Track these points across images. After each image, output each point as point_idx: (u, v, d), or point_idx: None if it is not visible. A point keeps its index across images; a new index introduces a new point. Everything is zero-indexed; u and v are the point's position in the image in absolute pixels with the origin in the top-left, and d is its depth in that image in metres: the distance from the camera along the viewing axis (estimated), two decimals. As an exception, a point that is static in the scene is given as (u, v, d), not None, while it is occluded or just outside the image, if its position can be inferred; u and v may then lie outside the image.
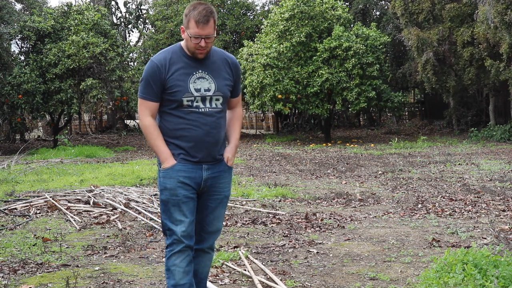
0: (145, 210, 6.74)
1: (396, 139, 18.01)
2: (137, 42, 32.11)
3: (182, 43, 3.11)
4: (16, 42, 18.45)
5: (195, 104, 3.05)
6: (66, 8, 18.79)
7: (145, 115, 3.07)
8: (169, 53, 3.09)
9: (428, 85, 19.84)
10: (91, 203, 7.20)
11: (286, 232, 5.74)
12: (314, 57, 18.44)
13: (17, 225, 6.11)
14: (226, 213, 5.86)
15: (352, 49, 17.90)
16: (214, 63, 3.13)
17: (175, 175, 3.06)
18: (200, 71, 3.08)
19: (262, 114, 28.30)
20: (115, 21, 30.99)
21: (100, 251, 5.06)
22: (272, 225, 6.09)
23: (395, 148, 16.21)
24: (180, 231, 3.06)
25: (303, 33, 18.24)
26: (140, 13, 31.58)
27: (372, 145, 17.80)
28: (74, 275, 4.22)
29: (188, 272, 3.11)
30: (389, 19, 24.44)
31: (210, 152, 3.11)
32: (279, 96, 18.08)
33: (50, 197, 7.43)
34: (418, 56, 19.53)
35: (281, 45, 18.22)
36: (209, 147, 3.09)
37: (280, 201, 7.62)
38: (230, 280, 4.18)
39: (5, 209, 6.89)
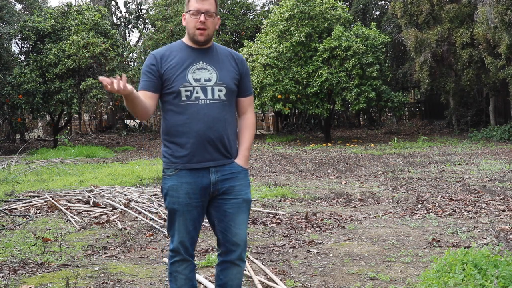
0: (145, 210, 6.75)
1: (396, 139, 18.01)
2: (137, 42, 32.13)
3: (184, 38, 3.05)
4: (16, 42, 18.46)
5: (194, 95, 2.89)
6: (66, 8, 18.80)
7: None
8: (169, 47, 3.02)
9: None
10: (91, 203, 7.20)
11: (286, 232, 5.74)
12: (314, 57, 18.45)
13: (17, 225, 6.10)
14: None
15: (352, 49, 17.91)
16: (217, 55, 2.99)
17: (178, 182, 2.90)
18: (201, 62, 2.94)
19: (262, 114, 28.31)
20: (115, 21, 31.00)
21: (100, 251, 5.06)
22: (272, 225, 6.09)
23: (395, 148, 16.21)
24: (179, 240, 2.96)
25: (303, 33, 18.25)
26: (140, 13, 31.59)
27: (372, 145, 17.80)
28: (74, 275, 4.22)
29: (191, 278, 3.05)
30: (389, 19, 24.44)
31: (216, 149, 2.90)
32: (279, 96, 18.09)
33: (50, 197, 7.43)
34: (416, 57, 19.56)
35: (281, 45, 18.22)
36: (213, 143, 2.89)
37: (280, 201, 7.63)
38: (230, 280, 4.17)
39: (5, 209, 6.89)
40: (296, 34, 18.26)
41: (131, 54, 23.18)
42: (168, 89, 2.92)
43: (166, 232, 5.69)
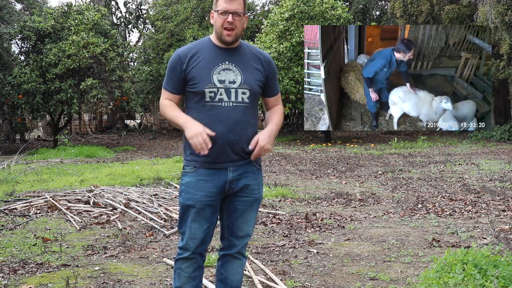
0: (145, 210, 6.75)
1: (396, 139, 18.02)
2: (137, 42, 32.11)
3: (212, 35, 3.02)
4: (16, 42, 18.45)
5: (218, 97, 2.88)
6: (66, 8, 18.79)
7: (163, 98, 3.02)
8: (195, 44, 3.00)
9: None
10: (91, 203, 7.20)
11: (286, 232, 5.74)
12: (314, 57, 18.46)
13: (17, 225, 6.10)
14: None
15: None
16: (243, 56, 2.97)
17: (195, 179, 2.92)
18: (226, 62, 2.93)
19: (262, 114, 28.30)
20: (115, 21, 30.99)
21: (100, 251, 5.06)
22: (272, 225, 6.09)
23: (395, 148, 16.21)
24: (190, 237, 2.95)
25: (303, 33, 18.24)
26: (140, 13, 31.58)
27: (372, 145, 17.80)
28: (74, 275, 4.22)
29: (194, 277, 3.04)
30: (389, 19, 24.45)
31: (234, 151, 2.92)
32: (279, 96, 18.08)
33: (50, 197, 7.43)
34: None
35: (281, 45, 18.23)
36: (232, 146, 2.90)
37: (280, 201, 7.62)
38: (230, 280, 4.17)
39: (5, 209, 6.89)
40: (296, 34, 18.27)
41: (131, 54, 23.16)
42: (192, 88, 2.93)
43: (166, 232, 5.69)
